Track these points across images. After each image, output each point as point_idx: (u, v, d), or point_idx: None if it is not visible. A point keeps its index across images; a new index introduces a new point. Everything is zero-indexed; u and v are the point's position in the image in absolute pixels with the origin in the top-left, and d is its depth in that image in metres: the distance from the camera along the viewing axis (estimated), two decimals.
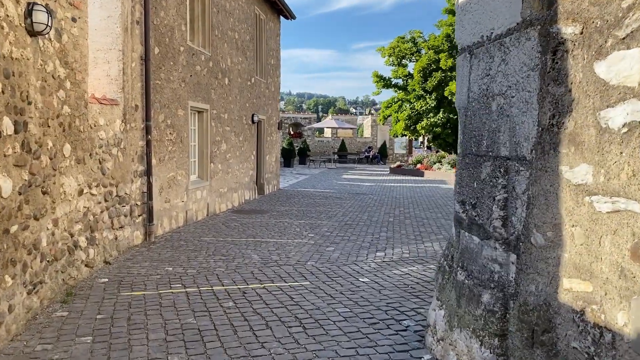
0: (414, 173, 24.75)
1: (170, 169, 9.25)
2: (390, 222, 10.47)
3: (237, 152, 13.21)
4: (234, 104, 12.88)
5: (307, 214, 11.71)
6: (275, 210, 12.36)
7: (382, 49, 25.39)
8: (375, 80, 25.43)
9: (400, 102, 25.56)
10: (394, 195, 16.48)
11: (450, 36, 24.25)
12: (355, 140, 39.05)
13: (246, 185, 14.09)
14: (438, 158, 24.82)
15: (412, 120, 24.42)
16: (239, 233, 9.00)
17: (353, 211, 12.33)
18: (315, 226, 9.87)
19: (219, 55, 11.78)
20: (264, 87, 15.91)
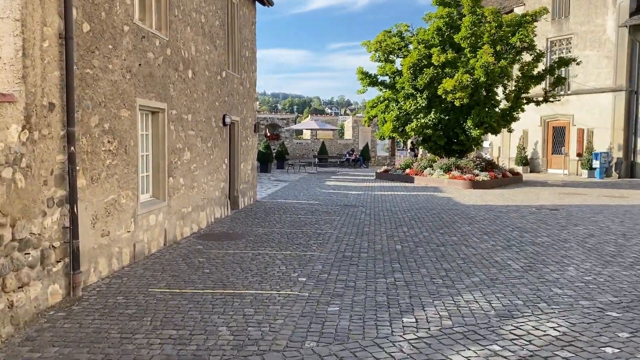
0: (402, 179, 22.63)
1: (109, 190, 6.82)
2: (400, 253, 8.21)
3: (204, 162, 10.80)
4: (200, 103, 10.48)
5: (293, 238, 9.38)
6: (252, 233, 10.00)
7: (367, 42, 23.17)
8: (360, 77, 23.21)
9: (387, 101, 23.41)
10: (389, 207, 14.27)
11: (442, 29, 22.22)
12: (336, 142, 36.85)
13: (216, 201, 11.69)
14: (429, 162, 22.74)
15: (400, 121, 22.28)
16: (203, 278, 6.62)
17: (348, 233, 10.06)
18: (305, 261, 7.56)
19: (180, 42, 9.36)
20: (237, 83, 13.52)
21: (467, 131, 21.36)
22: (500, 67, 19.65)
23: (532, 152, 30.35)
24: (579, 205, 14.50)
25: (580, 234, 10.01)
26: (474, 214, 12.87)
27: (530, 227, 10.88)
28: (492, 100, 21.33)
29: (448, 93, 19.74)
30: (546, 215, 12.70)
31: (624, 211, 13.28)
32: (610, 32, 26.13)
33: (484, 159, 22.81)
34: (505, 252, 8.27)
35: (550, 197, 16.64)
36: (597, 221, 11.63)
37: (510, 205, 14.66)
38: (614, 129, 26.19)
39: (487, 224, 11.25)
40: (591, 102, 27.14)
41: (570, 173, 27.85)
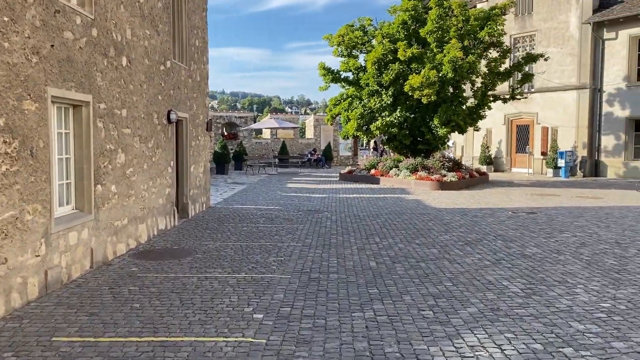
0: (367, 180, 21.49)
1: (6, 204, 5.28)
2: (376, 272, 6.94)
3: (144, 165, 9.26)
4: (138, 96, 8.94)
5: (249, 255, 7.99)
6: (202, 248, 8.55)
7: (329, 36, 21.90)
8: (322, 73, 21.92)
9: (350, 98, 22.21)
10: (356, 212, 13.03)
11: (407, 23, 21.18)
12: (297, 142, 35.48)
13: (160, 210, 10.15)
14: (394, 162, 21.68)
15: (365, 119, 21.11)
16: (130, 317, 5.16)
17: (313, 246, 8.73)
18: (263, 287, 6.19)
19: (111, 22, 7.82)
20: (185, 75, 12.00)
21: (433, 130, 20.40)
22: (469, 63, 18.74)
23: (496, 151, 29.83)
24: (556, 208, 13.65)
25: (570, 243, 9.01)
26: (449, 220, 11.78)
27: (514, 235, 9.84)
28: (460, 97, 20.44)
29: (415, 90, 18.69)
30: (525, 219, 11.74)
31: (604, 214, 12.47)
32: (574, 29, 25.77)
33: (451, 159, 21.94)
34: (496, 268, 7.12)
35: (522, 199, 15.80)
36: (581, 226, 10.71)
37: (484, 209, 13.68)
38: (578, 127, 25.86)
39: (465, 232, 10.15)
40: (555, 100, 26.75)
41: (535, 172, 27.41)
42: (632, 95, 24.15)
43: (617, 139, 24.94)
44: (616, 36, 24.49)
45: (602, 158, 25.53)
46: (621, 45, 24.33)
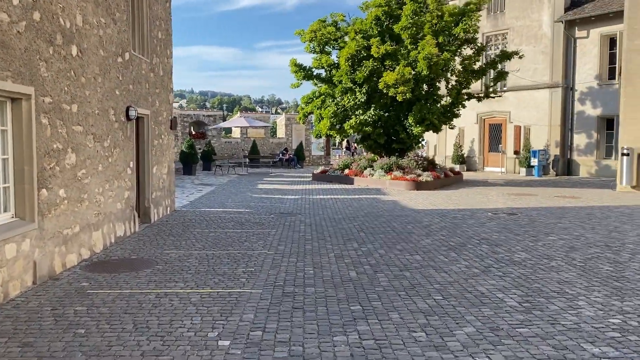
0: (341, 180, 20.87)
1: None
2: (357, 284, 6.27)
3: (99, 166, 8.39)
4: (91, 90, 8.06)
5: (215, 265, 7.23)
6: (163, 258, 7.74)
7: (301, 32, 21.17)
8: (294, 70, 21.17)
9: (323, 96, 21.54)
10: (331, 215, 12.38)
11: (381, 19, 20.64)
12: (268, 141, 34.64)
13: (118, 215, 9.27)
14: (369, 162, 21.12)
15: (338, 118, 20.47)
16: (71, 348, 4.35)
17: (286, 254, 8.02)
18: (230, 305, 5.45)
19: (57, 5, 6.94)
20: (146, 69, 11.12)
21: (408, 129, 19.91)
22: (444, 60, 18.30)
23: (469, 150, 29.64)
24: (536, 209, 13.27)
25: (558, 246, 8.53)
26: (428, 222, 11.23)
27: (498, 238, 9.32)
28: (435, 95, 20.01)
29: (389, 87, 18.14)
30: (507, 221, 11.27)
31: (586, 215, 12.12)
32: (546, 27, 25.70)
33: (425, 158, 21.51)
34: (487, 277, 6.54)
35: (500, 199, 15.41)
36: (566, 228, 10.28)
37: (463, 210, 13.20)
38: (551, 126, 25.80)
39: (447, 235, 9.59)
40: (528, 99, 26.66)
41: (508, 171, 27.28)
42: (603, 94, 24.18)
43: (589, 137, 24.96)
44: (588, 35, 24.50)
45: (574, 157, 25.53)
46: (593, 44, 24.34)
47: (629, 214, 11.98)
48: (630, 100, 16.91)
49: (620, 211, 12.53)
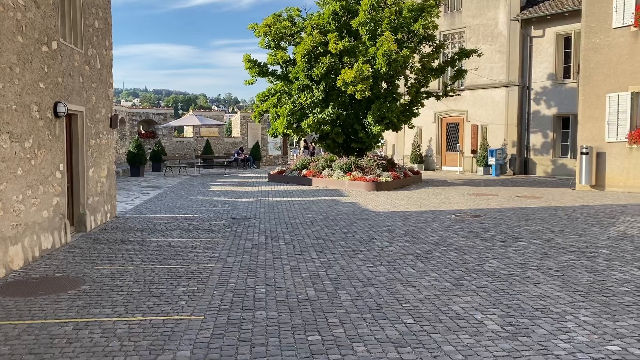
0: (299, 181, 20.05)
1: None
2: (315, 305, 5.46)
3: (17, 170, 7.26)
4: (6, 82, 6.93)
5: (152, 285, 6.27)
6: (93, 275, 6.72)
7: (255, 26, 20.18)
8: (248, 66, 20.17)
9: (279, 94, 20.65)
10: (288, 219, 11.54)
11: (338, 14, 19.92)
12: (222, 141, 33.43)
13: (44, 225, 8.14)
14: (327, 162, 20.38)
15: (295, 116, 19.62)
16: None
17: (236, 267, 7.14)
18: (163, 339, 4.53)
19: None
20: (80, 61, 9.97)
21: (367, 128, 19.28)
22: (403, 57, 17.74)
23: (427, 149, 29.39)
24: (500, 210, 12.83)
25: (530, 253, 7.97)
26: (391, 226, 10.56)
27: (465, 244, 8.72)
28: (394, 93, 19.45)
29: (348, 85, 17.44)
30: (472, 224, 10.73)
31: (551, 216, 11.73)
32: (502, 25, 25.65)
33: (385, 158, 20.96)
34: (460, 293, 5.86)
35: (462, 200, 14.95)
36: (534, 231, 9.79)
37: (425, 212, 12.62)
38: (508, 125, 25.78)
39: (412, 241, 8.92)
40: (485, 98, 26.58)
41: (466, 170, 27.15)
42: (558, 93, 24.30)
43: (545, 136, 25.05)
44: (543, 34, 24.56)
45: (531, 156, 25.59)
46: (548, 43, 24.41)
47: (594, 215, 11.66)
48: (588, 98, 16.80)
49: (584, 212, 12.22)
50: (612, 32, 16.07)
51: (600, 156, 16.52)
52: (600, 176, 16.56)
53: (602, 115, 16.42)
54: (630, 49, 15.70)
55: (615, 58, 16.06)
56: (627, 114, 15.82)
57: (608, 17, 16.11)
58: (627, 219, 11.03)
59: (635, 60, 15.61)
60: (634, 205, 13.08)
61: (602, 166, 16.49)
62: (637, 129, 15.65)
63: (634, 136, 15.58)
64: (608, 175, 16.38)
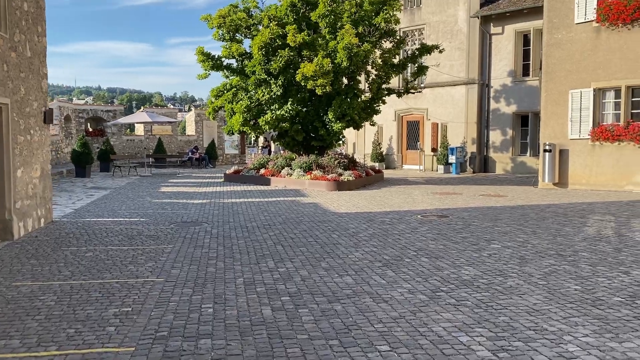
0: (257, 181, 19.09)
1: None
2: (272, 328, 4.60)
3: None
4: None
5: (77, 306, 5.28)
6: (9, 294, 5.66)
7: (208, 17, 19.08)
8: (201, 59, 19.05)
9: (235, 89, 19.62)
10: (244, 222, 10.64)
11: (297, 5, 19.07)
12: (176, 139, 32.01)
13: None
14: (286, 161, 19.51)
15: (252, 113, 18.65)
16: None
17: (181, 282, 6.21)
18: None
19: None
20: (5, 47, 8.77)
21: (327, 125, 18.51)
22: (365, 51, 17.06)
23: (387, 147, 28.92)
24: (466, 209, 12.29)
25: (506, 257, 7.36)
26: (355, 228, 9.81)
27: (436, 248, 8.05)
28: (355, 89, 18.76)
29: (308, 79, 16.62)
30: (440, 226, 10.11)
31: (520, 215, 11.26)
32: (462, 22, 25.39)
33: (346, 156, 20.26)
34: (439, 308, 5.14)
35: (426, 199, 14.38)
36: (506, 233, 9.24)
37: (390, 212, 11.95)
38: (468, 123, 25.55)
39: (379, 246, 8.19)
40: (445, 96, 26.28)
41: (426, 169, 26.81)
42: (518, 91, 24.21)
43: (505, 134, 24.94)
44: (502, 31, 24.41)
45: (490, 154, 25.44)
46: (507, 40, 24.27)
47: (563, 214, 11.25)
48: (550, 95, 16.56)
49: (552, 211, 11.81)
50: (574, 27, 15.86)
51: (563, 153, 16.30)
52: (563, 174, 16.34)
53: (565, 112, 16.20)
54: (593, 45, 15.52)
55: (577, 54, 15.86)
56: (589, 110, 15.64)
57: (570, 12, 15.89)
58: (597, 218, 10.66)
59: (598, 56, 15.44)
60: (600, 204, 12.80)
61: (565, 164, 16.27)
62: (600, 125, 15.49)
63: (596, 133, 15.40)
64: (571, 172, 16.17)
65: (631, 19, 14.46)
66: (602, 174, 15.54)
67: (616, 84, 15.15)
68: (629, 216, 10.83)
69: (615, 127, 15.14)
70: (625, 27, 14.73)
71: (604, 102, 15.71)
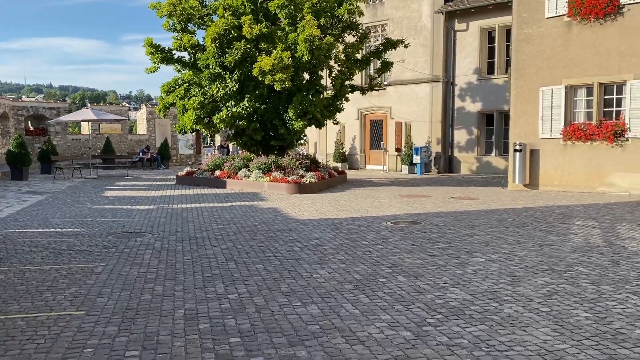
0: (211, 183, 17.75)
1: None
2: None
3: None
4: None
5: None
6: None
7: (157, 5, 17.54)
8: (150, 51, 17.53)
9: (187, 84, 18.21)
10: (193, 232, 9.38)
11: None
12: (126, 139, 30.18)
13: None
14: (244, 162, 18.23)
15: (206, 109, 17.27)
16: None
17: (106, 317, 4.95)
18: None
19: None
20: None
21: (288, 123, 17.34)
22: (327, 44, 15.98)
23: (350, 147, 28.00)
24: (439, 214, 11.38)
25: (495, 274, 6.40)
26: (319, 238, 8.72)
27: (412, 262, 7.03)
28: (317, 85, 17.66)
29: (266, 74, 15.41)
30: (413, 234, 9.13)
31: (497, 221, 10.41)
32: (426, 18, 24.67)
33: (308, 157, 19.14)
34: (429, 351, 4.09)
35: (394, 203, 13.44)
36: (487, 242, 8.32)
37: (357, 219, 10.92)
38: (432, 122, 24.87)
39: (347, 261, 7.12)
40: (409, 94, 25.53)
41: (390, 169, 26.01)
42: (482, 89, 23.67)
43: (470, 133, 24.37)
44: (467, 27, 23.82)
45: (455, 154, 24.84)
46: (472, 37, 23.70)
47: (542, 219, 10.47)
48: (520, 92, 15.91)
49: (530, 215, 11.03)
50: (544, 22, 15.23)
51: (534, 153, 15.67)
52: (533, 175, 15.71)
53: (536, 110, 15.56)
54: (564, 40, 14.92)
55: (548, 50, 15.23)
56: (561, 108, 15.04)
57: (540, 6, 15.25)
58: (580, 224, 9.90)
59: (569, 52, 14.85)
60: (577, 207, 12.13)
61: (536, 164, 15.64)
62: (572, 124, 14.91)
63: (569, 132, 14.81)
64: (542, 173, 15.55)
65: (604, 13, 13.91)
66: (574, 175, 14.97)
67: (588, 81, 14.59)
68: (611, 221, 10.13)
69: (587, 125, 14.58)
70: (597, 21, 14.17)
71: (576, 99, 15.15)
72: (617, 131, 13.91)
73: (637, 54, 13.67)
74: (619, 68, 13.99)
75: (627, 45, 13.82)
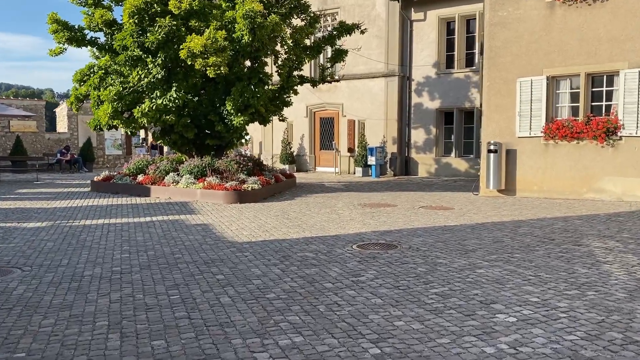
0: (133, 190, 14.71)
1: None
2: None
3: None
4: None
5: None
6: None
7: None
8: (54, 29, 14.20)
9: (103, 72, 15.10)
10: (84, 264, 6.55)
11: None
12: (43, 138, 26.35)
13: None
14: (173, 164, 15.29)
15: (125, 101, 14.22)
16: None
17: None
18: None
19: None
20: None
21: (226, 118, 14.55)
22: (272, 24, 13.33)
23: (299, 147, 25.46)
24: (414, 232, 9.00)
25: (552, 355, 4.00)
26: (262, 277, 6.12)
27: (408, 328, 4.56)
28: (260, 73, 14.96)
29: (196, 56, 12.58)
30: (391, 265, 6.69)
31: (491, 242, 8.12)
32: (380, 6, 22.48)
33: (251, 158, 16.40)
34: None
35: (355, 215, 10.99)
36: (499, 282, 5.95)
37: (313, 239, 8.38)
38: (387, 120, 22.70)
39: (305, 328, 4.55)
40: (362, 89, 23.26)
41: (342, 171, 23.68)
42: (441, 84, 21.72)
43: (428, 133, 22.36)
44: (425, 17, 21.81)
45: (412, 154, 22.79)
46: (430, 28, 21.69)
47: (548, 239, 8.27)
48: (494, 84, 13.85)
49: (528, 232, 8.83)
50: (523, 2, 13.22)
51: (510, 154, 13.66)
52: (510, 179, 13.70)
53: (512, 104, 13.55)
54: (546, 24, 12.95)
55: (527, 35, 13.24)
56: (542, 103, 13.08)
57: None
58: (600, 246, 7.73)
59: (552, 37, 12.90)
60: (577, 219, 10.07)
61: (513, 167, 13.64)
62: (555, 121, 12.96)
63: (551, 130, 12.86)
64: (520, 177, 13.55)
65: None
66: (557, 180, 13.03)
67: (574, 71, 12.68)
68: (636, 241, 8.05)
69: (573, 122, 12.67)
70: (585, 2, 12.26)
71: (559, 92, 13.23)
72: (609, 129, 12.05)
73: (632, 40, 11.85)
74: (610, 56, 12.14)
75: (619, 29, 11.98)
